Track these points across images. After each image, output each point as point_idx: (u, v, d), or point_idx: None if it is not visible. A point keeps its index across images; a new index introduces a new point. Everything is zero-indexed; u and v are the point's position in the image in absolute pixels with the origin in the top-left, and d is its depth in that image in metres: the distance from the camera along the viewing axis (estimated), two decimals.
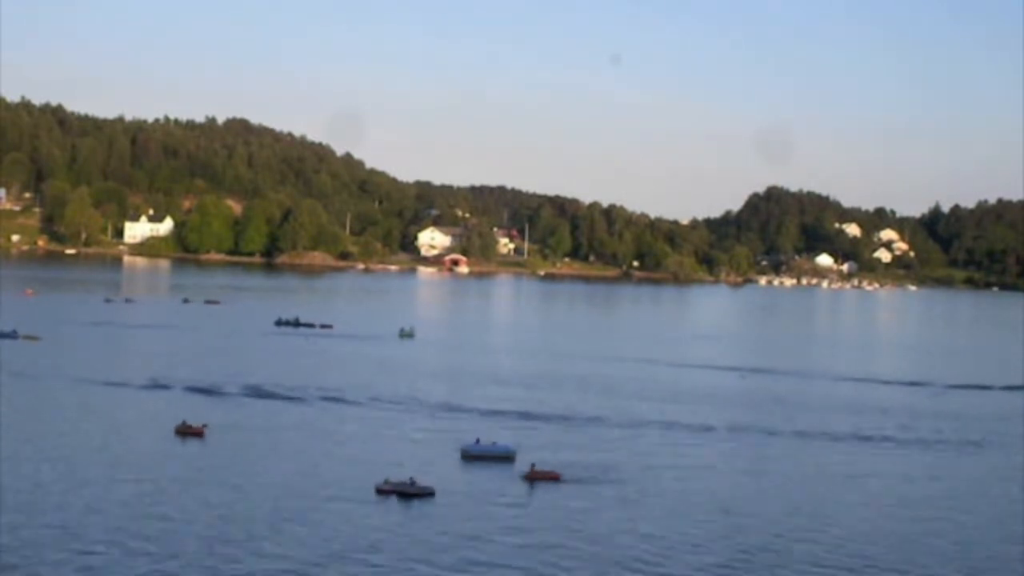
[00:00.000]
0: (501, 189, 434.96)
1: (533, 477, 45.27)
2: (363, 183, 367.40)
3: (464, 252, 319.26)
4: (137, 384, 67.55)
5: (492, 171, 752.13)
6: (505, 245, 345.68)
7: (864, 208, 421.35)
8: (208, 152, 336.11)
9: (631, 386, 79.24)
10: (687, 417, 64.98)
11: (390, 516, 39.93)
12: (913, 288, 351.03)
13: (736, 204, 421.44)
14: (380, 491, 42.59)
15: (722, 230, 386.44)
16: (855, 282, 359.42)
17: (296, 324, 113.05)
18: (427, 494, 42.41)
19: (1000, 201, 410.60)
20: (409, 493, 42.27)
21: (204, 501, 40.48)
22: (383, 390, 70.67)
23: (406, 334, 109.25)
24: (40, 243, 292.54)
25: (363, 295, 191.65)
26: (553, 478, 45.43)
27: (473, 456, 49.36)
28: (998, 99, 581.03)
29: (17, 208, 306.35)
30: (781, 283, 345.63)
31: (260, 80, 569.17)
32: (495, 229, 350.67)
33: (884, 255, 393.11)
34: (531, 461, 47.11)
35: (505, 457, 49.43)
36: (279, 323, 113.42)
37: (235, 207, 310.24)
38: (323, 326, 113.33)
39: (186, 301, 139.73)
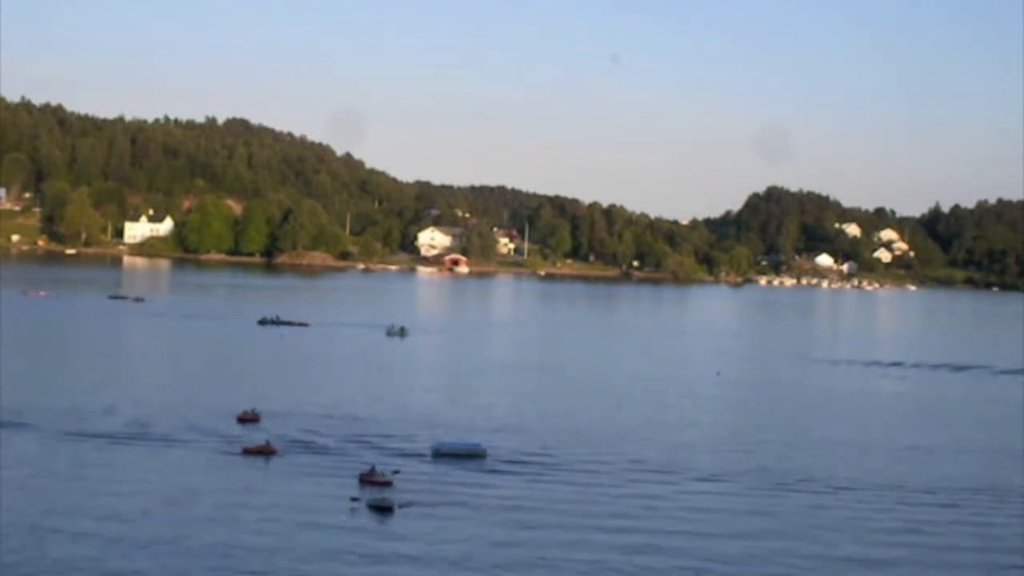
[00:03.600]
0: (501, 189, 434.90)
1: (249, 452, 47.84)
2: (363, 183, 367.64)
3: (464, 252, 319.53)
4: None
5: (492, 171, 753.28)
6: (505, 245, 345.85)
7: (864, 208, 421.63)
8: (208, 152, 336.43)
9: (620, 388, 79.54)
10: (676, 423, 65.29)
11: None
12: (913, 288, 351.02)
13: (736, 204, 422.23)
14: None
15: (722, 230, 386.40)
16: (855, 282, 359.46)
17: (277, 323, 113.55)
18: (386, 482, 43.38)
19: (1000, 201, 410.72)
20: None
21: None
22: (359, 387, 71.06)
23: (399, 333, 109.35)
24: (40, 243, 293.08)
25: (360, 294, 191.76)
26: (269, 452, 47.68)
27: (444, 454, 49.57)
28: (998, 99, 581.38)
29: (17, 208, 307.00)
30: (781, 283, 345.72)
31: (260, 80, 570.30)
32: (495, 229, 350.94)
33: (884, 255, 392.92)
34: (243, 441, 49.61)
35: (475, 455, 49.70)
36: (263, 322, 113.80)
37: (235, 207, 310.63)
38: (299, 324, 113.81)
39: (114, 297, 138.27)
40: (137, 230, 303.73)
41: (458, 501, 41.78)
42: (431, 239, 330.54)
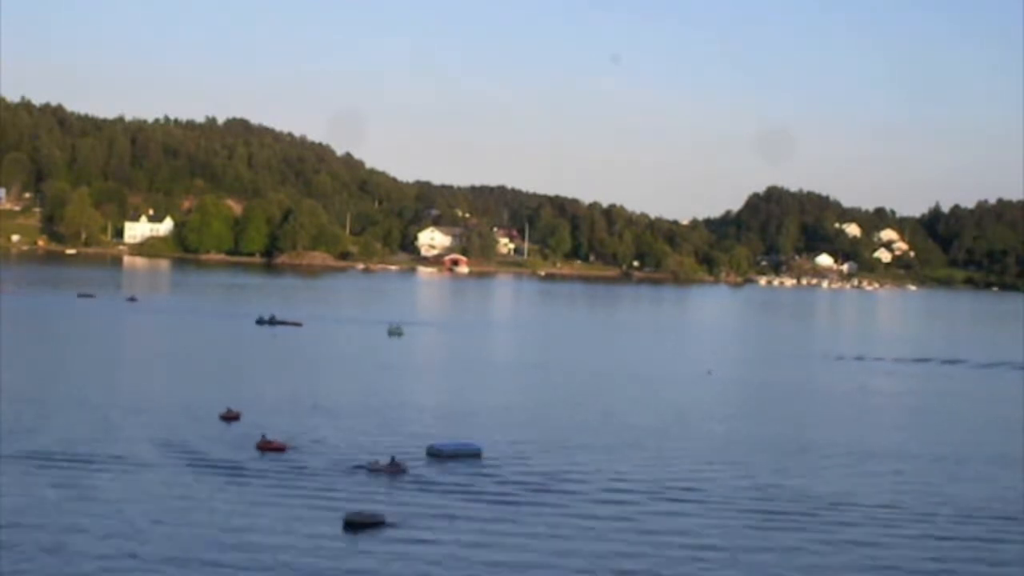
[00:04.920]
0: (501, 189, 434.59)
1: (263, 448, 48.51)
2: (363, 183, 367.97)
3: (464, 252, 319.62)
4: None
5: (492, 171, 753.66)
6: (505, 245, 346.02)
7: (864, 208, 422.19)
8: (208, 152, 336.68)
9: (616, 394, 79.56)
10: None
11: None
12: (913, 288, 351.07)
13: (736, 204, 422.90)
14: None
15: (722, 230, 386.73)
16: (855, 282, 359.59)
17: (273, 322, 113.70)
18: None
19: (1000, 201, 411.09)
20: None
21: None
22: (354, 387, 71.10)
23: (398, 332, 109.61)
24: (40, 243, 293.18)
25: (360, 294, 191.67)
26: (280, 449, 48.22)
27: (441, 455, 49.43)
28: (998, 99, 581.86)
29: (17, 208, 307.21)
30: (781, 283, 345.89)
31: (260, 80, 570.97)
32: (495, 229, 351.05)
33: (884, 255, 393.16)
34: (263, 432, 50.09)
35: (472, 455, 49.61)
36: (260, 322, 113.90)
37: (235, 207, 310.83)
38: (293, 323, 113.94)
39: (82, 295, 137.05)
40: (137, 230, 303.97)
41: (450, 512, 40.42)
42: (431, 239, 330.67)
